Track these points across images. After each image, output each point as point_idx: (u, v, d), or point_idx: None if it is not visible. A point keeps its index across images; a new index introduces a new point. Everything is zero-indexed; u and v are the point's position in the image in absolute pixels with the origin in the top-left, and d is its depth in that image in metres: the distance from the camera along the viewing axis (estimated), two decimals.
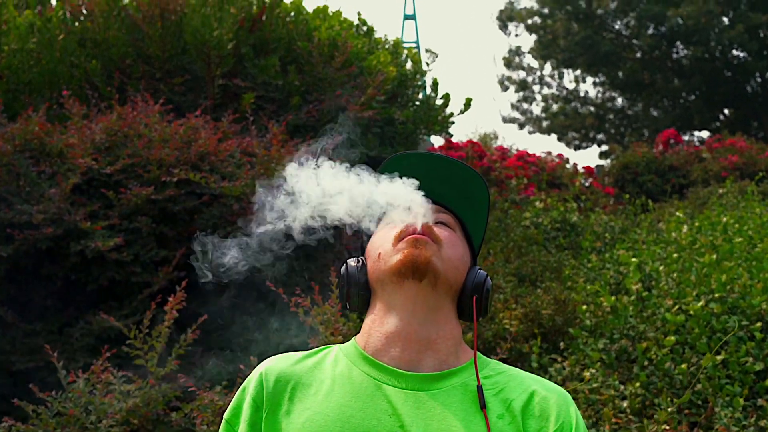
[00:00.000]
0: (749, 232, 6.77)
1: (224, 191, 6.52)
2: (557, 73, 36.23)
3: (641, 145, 18.01)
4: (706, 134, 31.91)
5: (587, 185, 14.84)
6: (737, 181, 12.75)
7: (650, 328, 4.86)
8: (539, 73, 36.44)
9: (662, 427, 3.93)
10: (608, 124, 36.03)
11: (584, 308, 5.26)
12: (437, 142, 15.45)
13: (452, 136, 13.95)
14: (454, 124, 12.16)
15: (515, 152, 16.19)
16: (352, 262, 1.86)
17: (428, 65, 12.14)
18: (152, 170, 6.69)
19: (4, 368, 6.08)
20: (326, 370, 1.75)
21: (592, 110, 35.97)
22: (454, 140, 14.59)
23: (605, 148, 34.30)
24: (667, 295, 5.21)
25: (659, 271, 5.76)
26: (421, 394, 1.67)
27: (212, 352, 5.83)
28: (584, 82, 36.91)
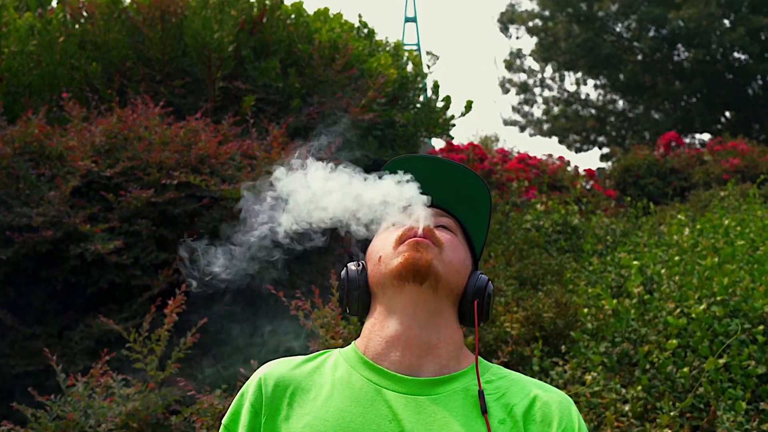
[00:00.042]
0: (751, 234, 6.76)
1: (224, 194, 6.51)
2: (558, 75, 36.23)
3: (642, 147, 17.97)
4: (707, 137, 31.89)
5: (588, 188, 14.81)
6: (739, 183, 12.74)
7: (652, 331, 4.84)
8: (540, 75, 36.44)
9: (664, 430, 3.91)
10: (609, 126, 36.01)
11: (586, 311, 5.24)
12: (438, 144, 15.49)
13: (453, 138, 13.95)
14: (454, 126, 12.16)
15: (516, 155, 16.16)
16: (352, 265, 1.84)
17: (429, 68, 12.21)
18: (152, 173, 6.68)
19: (3, 371, 6.07)
20: (326, 374, 1.74)
21: (593, 113, 35.95)
22: (454, 143, 14.58)
23: (606, 150, 34.30)
24: (668, 298, 5.20)
25: (661, 274, 5.75)
26: (421, 399, 1.65)
27: (212, 355, 5.81)
28: (585, 84, 36.96)
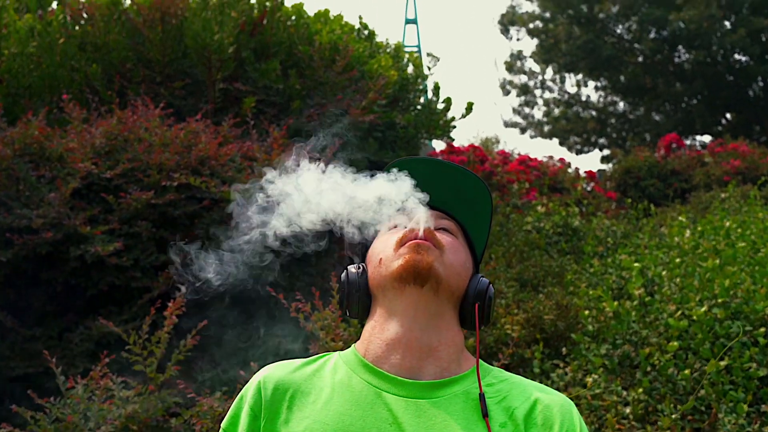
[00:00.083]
0: (752, 236, 6.75)
1: (225, 196, 6.51)
2: (559, 77, 36.19)
3: (643, 149, 17.93)
4: (708, 138, 31.88)
5: (589, 190, 14.79)
6: (739, 185, 12.71)
7: (653, 333, 4.84)
8: (541, 77, 36.40)
9: None
10: (610, 128, 35.98)
11: (586, 313, 5.23)
12: (438, 146, 15.46)
13: (453, 140, 13.94)
14: (455, 128, 12.15)
15: (517, 156, 16.15)
16: (352, 268, 1.84)
17: (429, 69, 12.19)
18: (152, 174, 6.68)
19: (3, 374, 6.07)
20: (325, 377, 1.73)
21: (593, 114, 35.92)
22: (455, 144, 14.56)
23: (607, 152, 34.29)
24: (669, 300, 5.18)
25: (662, 276, 5.74)
26: (422, 402, 1.64)
27: (211, 357, 5.80)
28: (586, 86, 36.79)
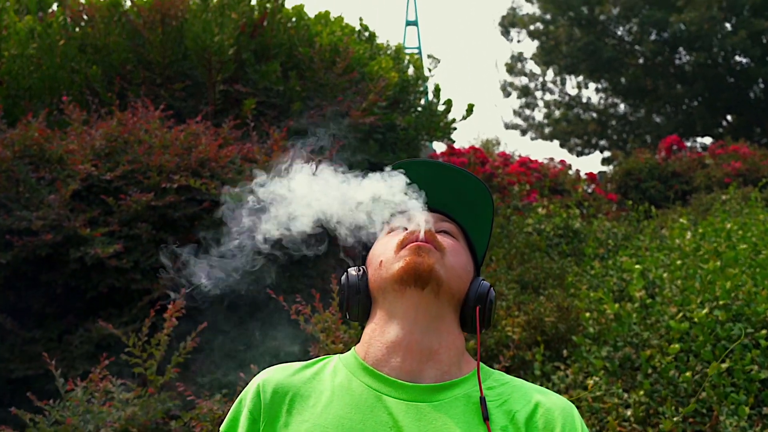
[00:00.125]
0: (753, 238, 6.73)
1: (225, 198, 6.49)
2: (559, 79, 36.19)
3: (644, 151, 17.95)
4: (708, 140, 31.83)
5: (590, 191, 14.79)
6: (740, 187, 12.70)
7: (654, 335, 4.82)
8: (541, 79, 36.41)
9: None
10: (611, 130, 35.98)
11: (587, 315, 5.22)
12: (439, 148, 15.46)
13: (454, 142, 13.96)
14: (456, 130, 12.16)
15: (517, 158, 16.15)
16: (352, 270, 1.83)
17: (430, 71, 12.18)
18: (152, 176, 6.67)
19: (2, 376, 6.06)
20: (325, 381, 1.72)
21: (594, 116, 35.93)
22: (456, 146, 14.57)
23: (608, 154, 34.30)
24: (670, 302, 5.17)
25: (663, 278, 5.72)
26: (422, 405, 1.63)
27: (211, 359, 5.79)
28: (586, 88, 36.94)
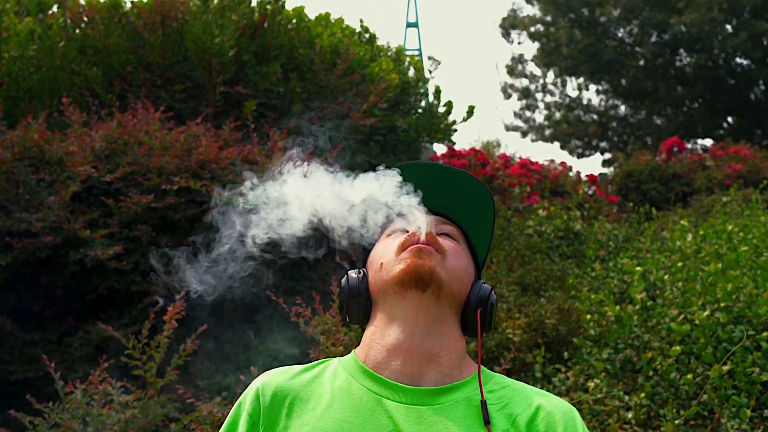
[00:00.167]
0: (754, 240, 6.72)
1: (225, 200, 6.48)
2: (560, 80, 36.20)
3: (644, 153, 17.97)
4: (709, 142, 31.86)
5: (590, 193, 14.81)
6: (741, 189, 12.71)
7: (655, 337, 4.81)
8: (542, 80, 36.43)
9: None
10: (611, 132, 35.99)
11: (588, 318, 5.20)
12: (440, 149, 15.45)
13: (455, 143, 13.96)
14: (456, 131, 12.15)
15: (518, 160, 16.16)
16: (353, 273, 1.83)
17: (431, 73, 12.18)
18: (152, 178, 6.66)
19: (1, 378, 6.05)
20: (325, 384, 1.71)
21: (594, 118, 35.94)
22: (456, 148, 14.59)
23: (608, 156, 34.29)
24: (672, 304, 5.16)
25: (664, 280, 5.71)
26: (423, 409, 1.62)
27: (211, 362, 5.78)
28: (587, 89, 37.03)
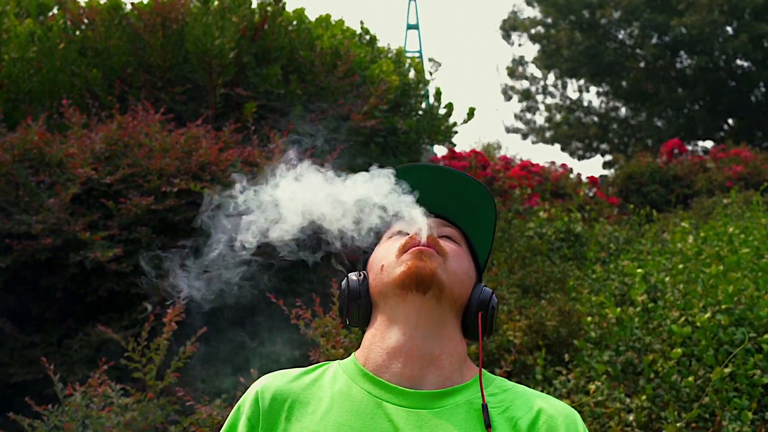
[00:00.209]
0: (755, 242, 6.71)
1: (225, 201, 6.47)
2: (561, 82, 36.21)
3: (645, 155, 17.96)
4: (710, 144, 31.90)
5: (591, 195, 14.81)
6: (742, 191, 12.71)
7: (656, 340, 4.80)
8: (543, 82, 36.44)
9: None
10: (612, 133, 36.01)
11: (589, 320, 5.19)
12: (440, 151, 15.46)
13: (455, 145, 13.95)
14: (457, 133, 12.14)
15: (519, 162, 16.16)
16: (353, 275, 1.82)
17: (431, 74, 12.14)
18: (152, 180, 6.65)
19: (1, 380, 6.04)
20: (325, 387, 1.70)
21: (595, 120, 35.95)
22: (457, 150, 14.59)
23: (609, 158, 34.30)
24: (673, 306, 5.15)
25: (665, 282, 5.70)
26: (423, 412, 1.61)
27: (211, 364, 5.77)
28: (588, 91, 37.00)
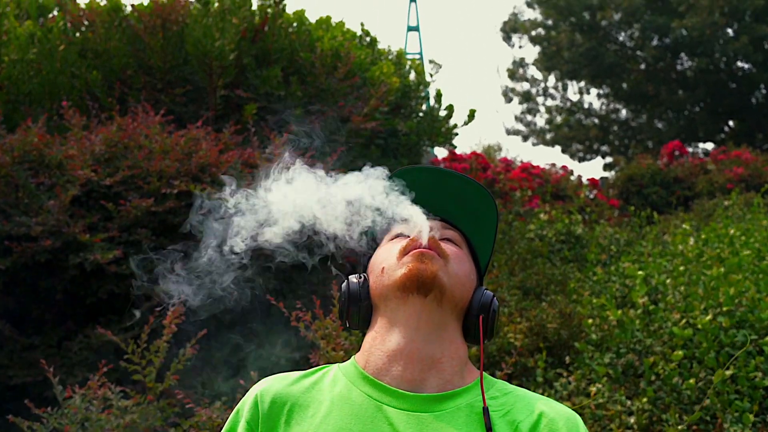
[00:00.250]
0: (756, 244, 6.70)
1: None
2: (561, 84, 36.17)
3: (646, 156, 17.95)
4: (710, 146, 31.87)
5: (592, 197, 14.80)
6: (743, 192, 12.69)
7: (657, 342, 4.79)
8: (543, 84, 36.39)
9: None
10: (612, 135, 35.97)
11: (590, 322, 5.19)
12: (441, 153, 15.44)
13: (456, 147, 13.94)
14: (457, 135, 12.12)
15: (519, 164, 16.15)
16: (353, 278, 1.80)
17: (432, 76, 12.16)
18: (152, 182, 6.64)
19: (1, 383, 6.03)
20: (324, 390, 1.69)
21: (596, 122, 35.92)
22: (457, 152, 14.58)
23: (609, 159, 34.27)
24: (674, 308, 5.14)
25: (666, 284, 5.69)
26: (424, 415, 1.60)
27: (211, 366, 5.76)
28: (588, 93, 36.94)
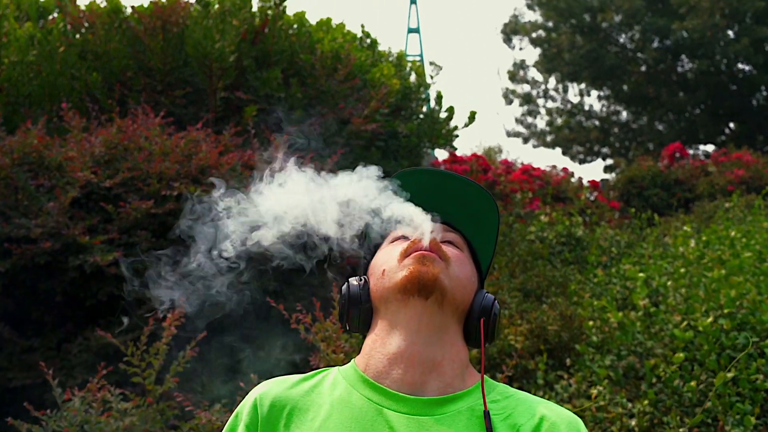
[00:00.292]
0: (757, 246, 6.70)
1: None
2: (562, 86, 36.16)
3: (646, 158, 17.94)
4: (711, 148, 31.84)
5: (592, 199, 14.79)
6: (743, 194, 12.70)
7: (658, 344, 4.79)
8: (544, 86, 36.38)
9: None
10: (613, 137, 35.96)
11: (591, 324, 5.18)
12: (441, 155, 15.43)
13: (456, 149, 13.93)
14: (458, 137, 12.12)
15: (520, 166, 16.14)
16: (353, 280, 1.79)
17: (432, 78, 12.13)
18: (152, 184, 6.64)
19: (0, 385, 6.01)
20: (324, 394, 1.68)
21: (596, 124, 35.91)
22: (458, 154, 14.57)
23: (610, 161, 34.26)
24: (675, 310, 5.14)
25: (667, 286, 5.69)
26: (424, 419, 1.59)
27: (211, 369, 5.74)
28: (589, 95, 36.89)
